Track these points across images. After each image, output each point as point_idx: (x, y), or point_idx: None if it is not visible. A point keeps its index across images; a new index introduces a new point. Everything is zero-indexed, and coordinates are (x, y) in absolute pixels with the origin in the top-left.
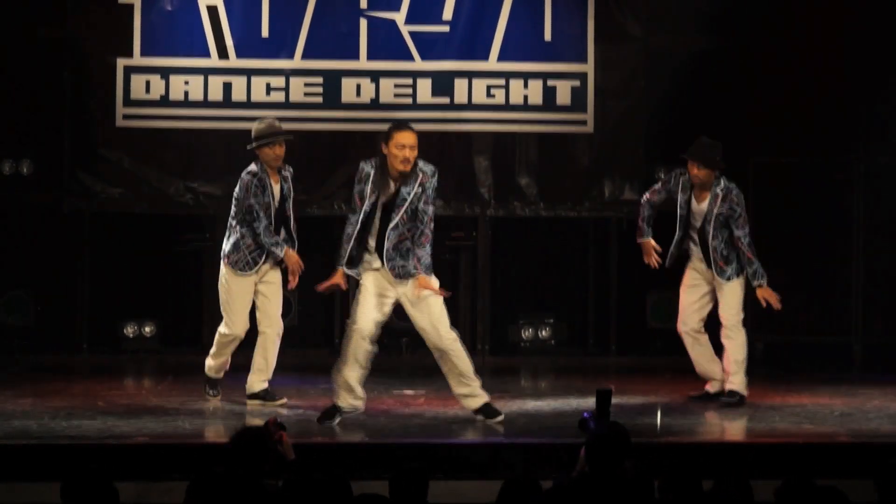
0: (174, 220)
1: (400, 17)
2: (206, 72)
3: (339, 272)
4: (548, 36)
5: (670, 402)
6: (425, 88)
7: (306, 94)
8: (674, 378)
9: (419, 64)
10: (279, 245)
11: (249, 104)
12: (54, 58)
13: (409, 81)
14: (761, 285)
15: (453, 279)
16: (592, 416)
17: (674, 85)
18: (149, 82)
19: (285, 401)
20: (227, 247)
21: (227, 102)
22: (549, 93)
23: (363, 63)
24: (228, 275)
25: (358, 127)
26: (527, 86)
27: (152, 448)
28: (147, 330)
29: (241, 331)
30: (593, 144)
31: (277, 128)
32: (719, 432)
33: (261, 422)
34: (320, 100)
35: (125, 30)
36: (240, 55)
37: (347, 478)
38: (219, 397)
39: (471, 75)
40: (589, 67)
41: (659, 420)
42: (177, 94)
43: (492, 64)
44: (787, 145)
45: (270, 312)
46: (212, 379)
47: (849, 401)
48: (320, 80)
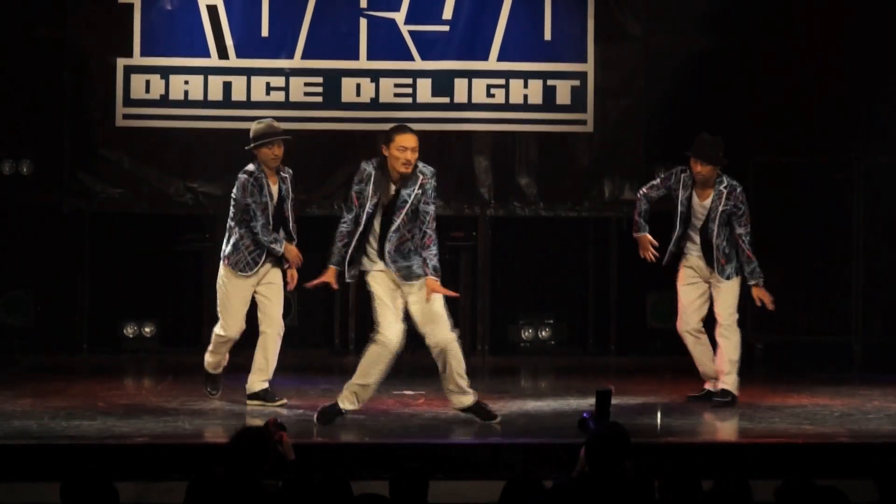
0: (174, 220)
1: (400, 17)
2: (206, 71)
3: (330, 270)
4: (548, 36)
5: (670, 402)
6: (425, 88)
7: (306, 94)
8: (674, 378)
9: (419, 64)
10: (278, 241)
11: (249, 104)
12: (54, 58)
13: (409, 81)
14: (758, 284)
15: (453, 279)
16: (592, 416)
17: (674, 85)
18: (149, 82)
19: (285, 401)
20: (227, 248)
21: (227, 102)
22: (549, 92)
23: (363, 63)
24: (227, 276)
25: (358, 127)
26: (527, 85)
27: (152, 448)
28: (147, 330)
29: (236, 333)
30: (593, 144)
31: (275, 128)
32: (719, 432)
33: (261, 422)
34: (320, 100)
35: (125, 29)
36: (240, 55)
37: (347, 478)
38: (219, 394)
39: (471, 75)
40: (589, 67)
41: (659, 420)
42: (177, 93)
43: (492, 64)
44: (787, 145)
45: (271, 313)
46: (211, 375)
47: (849, 401)
48: (320, 79)
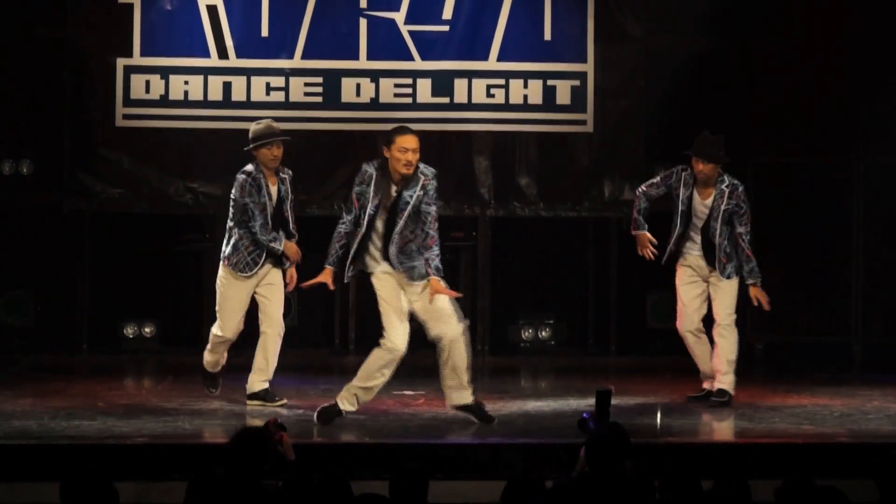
0: (174, 220)
1: (400, 17)
2: (206, 72)
3: (326, 271)
4: (548, 36)
5: (670, 402)
6: (425, 88)
7: (306, 94)
8: (674, 378)
9: (419, 64)
10: (277, 240)
11: (249, 104)
12: (54, 58)
13: (409, 81)
14: (755, 284)
15: (453, 279)
16: (592, 417)
17: (674, 85)
18: (148, 82)
19: (285, 401)
20: (227, 249)
21: (227, 102)
22: (549, 93)
23: (363, 63)
24: (227, 277)
25: (358, 127)
26: (527, 86)
27: (152, 448)
28: (147, 330)
29: (233, 334)
30: (593, 144)
31: (274, 129)
32: (719, 432)
33: (261, 422)
34: (320, 100)
35: (125, 30)
36: (239, 55)
37: (347, 478)
38: (217, 392)
39: (471, 75)
40: (589, 67)
41: (659, 420)
42: (176, 93)
43: (492, 64)
44: (787, 145)
45: (271, 313)
46: (210, 374)
47: (849, 401)
48: (320, 79)
